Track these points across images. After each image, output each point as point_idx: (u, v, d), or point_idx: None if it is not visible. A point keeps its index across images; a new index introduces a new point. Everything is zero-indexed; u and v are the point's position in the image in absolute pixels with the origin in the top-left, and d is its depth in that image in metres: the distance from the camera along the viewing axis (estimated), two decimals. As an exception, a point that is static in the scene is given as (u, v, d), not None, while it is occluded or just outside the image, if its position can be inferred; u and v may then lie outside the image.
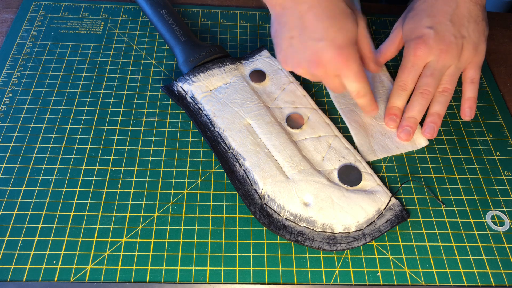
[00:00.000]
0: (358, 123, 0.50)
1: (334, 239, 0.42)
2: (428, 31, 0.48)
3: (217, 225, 0.43)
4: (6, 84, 0.51)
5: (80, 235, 0.41)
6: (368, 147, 0.48)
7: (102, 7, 0.60)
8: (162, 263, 0.40)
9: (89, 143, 0.47)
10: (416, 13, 0.50)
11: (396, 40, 0.52)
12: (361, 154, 0.48)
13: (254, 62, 0.54)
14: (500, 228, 0.44)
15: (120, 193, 0.44)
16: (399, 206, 0.44)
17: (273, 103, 0.50)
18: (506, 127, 0.53)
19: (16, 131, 0.47)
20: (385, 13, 0.65)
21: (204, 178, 0.46)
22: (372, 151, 0.48)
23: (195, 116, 0.49)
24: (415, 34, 0.49)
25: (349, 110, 0.51)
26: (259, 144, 0.46)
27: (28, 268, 0.39)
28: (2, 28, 0.57)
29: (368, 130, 0.50)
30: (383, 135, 0.50)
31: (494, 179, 0.48)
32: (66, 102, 0.50)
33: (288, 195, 0.43)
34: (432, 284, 0.41)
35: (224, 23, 0.61)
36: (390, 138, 0.50)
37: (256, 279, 0.40)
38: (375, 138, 0.49)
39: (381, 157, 0.48)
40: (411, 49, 0.48)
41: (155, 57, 0.56)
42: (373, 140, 0.49)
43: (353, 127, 0.50)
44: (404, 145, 0.50)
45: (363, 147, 0.48)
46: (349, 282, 0.40)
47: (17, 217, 0.42)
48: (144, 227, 0.42)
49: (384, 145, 0.49)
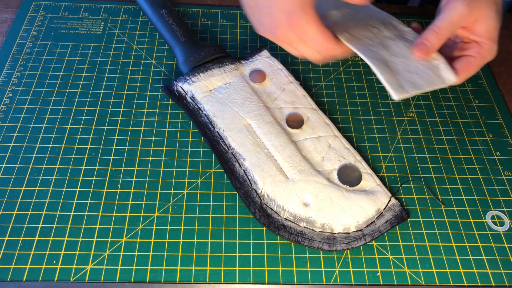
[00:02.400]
0: (381, 61, 0.45)
1: (334, 239, 0.42)
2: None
3: (217, 225, 0.43)
4: (6, 84, 0.51)
5: (80, 235, 0.41)
6: (397, 84, 0.43)
7: (102, 7, 0.60)
8: (162, 263, 0.40)
9: (89, 143, 0.47)
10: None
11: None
12: (388, 91, 0.43)
13: (254, 62, 0.54)
14: (500, 228, 0.44)
15: (120, 193, 0.44)
16: (399, 206, 0.44)
17: (273, 103, 0.50)
18: (506, 127, 0.53)
19: (16, 131, 0.47)
20: (385, 13, 0.65)
21: (204, 178, 0.46)
22: (401, 87, 0.43)
23: (195, 116, 0.49)
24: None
25: (368, 49, 0.46)
26: (259, 144, 0.46)
27: (28, 268, 0.39)
28: (2, 28, 0.57)
29: (393, 68, 0.45)
30: (409, 72, 0.45)
31: (494, 179, 0.48)
32: (66, 102, 0.50)
33: (288, 195, 0.43)
34: (432, 284, 0.41)
35: (224, 23, 0.61)
36: (417, 73, 0.44)
37: (256, 279, 0.40)
38: (401, 74, 0.44)
39: (412, 94, 0.43)
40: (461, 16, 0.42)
41: (155, 57, 0.56)
42: (400, 76, 0.44)
43: (377, 65, 0.44)
44: (433, 80, 0.44)
45: (391, 85, 0.43)
46: (349, 282, 0.40)
47: (17, 217, 0.42)
48: (144, 227, 0.42)
49: (413, 81, 0.44)
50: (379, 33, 0.48)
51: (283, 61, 0.57)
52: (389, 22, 0.50)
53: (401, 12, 0.65)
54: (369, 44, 0.47)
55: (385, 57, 0.46)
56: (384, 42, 0.47)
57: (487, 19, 0.42)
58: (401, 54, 0.46)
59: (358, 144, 0.50)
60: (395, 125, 0.52)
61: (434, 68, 0.46)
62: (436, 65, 0.46)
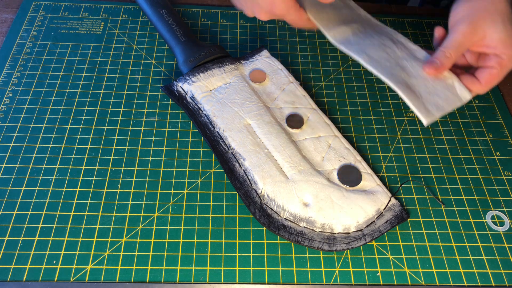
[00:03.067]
0: (405, 84, 0.46)
1: (334, 239, 0.42)
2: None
3: (217, 225, 0.43)
4: (6, 84, 0.51)
5: (80, 235, 0.41)
6: (424, 108, 0.45)
7: (102, 7, 0.60)
8: (162, 263, 0.40)
9: (89, 143, 0.47)
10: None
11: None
12: (418, 117, 0.44)
13: (254, 62, 0.54)
14: (500, 228, 0.44)
15: (120, 193, 0.44)
16: (398, 206, 0.44)
17: (273, 103, 0.50)
18: (506, 127, 0.53)
19: (16, 131, 0.47)
20: (385, 13, 0.65)
21: (204, 178, 0.46)
22: (429, 112, 0.45)
23: (195, 116, 0.49)
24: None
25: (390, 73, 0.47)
26: (259, 144, 0.46)
27: (28, 268, 0.39)
28: (2, 28, 0.57)
29: (416, 91, 0.46)
30: (430, 94, 0.46)
31: (494, 179, 0.48)
32: (66, 102, 0.50)
33: (288, 195, 0.43)
34: (432, 284, 0.41)
35: (224, 23, 0.61)
36: (438, 95, 0.46)
37: (256, 279, 0.40)
38: (424, 97, 0.46)
39: (438, 117, 0.45)
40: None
41: (155, 57, 0.56)
42: (424, 100, 0.45)
43: (402, 89, 0.46)
44: (452, 100, 0.46)
45: (419, 109, 0.44)
46: (349, 282, 0.40)
47: (17, 217, 0.42)
48: (144, 227, 0.42)
49: (437, 104, 0.45)
50: (392, 53, 0.49)
51: (283, 61, 0.57)
52: (398, 40, 0.51)
53: (401, 12, 0.65)
54: (388, 66, 0.48)
55: (406, 80, 0.47)
56: (400, 63, 0.49)
57: (495, 33, 0.45)
58: (418, 75, 0.48)
59: (358, 144, 0.50)
60: (395, 125, 0.52)
61: (450, 87, 0.47)
62: (451, 84, 0.48)
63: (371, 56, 0.49)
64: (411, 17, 0.64)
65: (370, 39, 0.50)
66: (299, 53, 0.58)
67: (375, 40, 0.50)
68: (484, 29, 0.45)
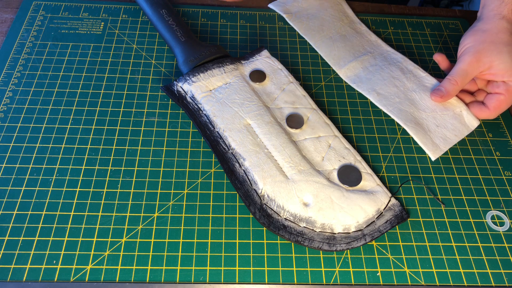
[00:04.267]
0: (413, 121, 0.49)
1: (334, 239, 0.42)
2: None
3: (217, 225, 0.43)
4: (6, 84, 0.51)
5: (80, 235, 0.41)
6: (432, 144, 0.48)
7: (102, 7, 0.60)
8: (162, 263, 0.40)
9: (89, 143, 0.47)
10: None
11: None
12: (427, 152, 0.48)
13: (254, 62, 0.54)
14: (500, 228, 0.44)
15: (120, 193, 0.44)
16: (398, 206, 0.44)
17: (273, 103, 0.50)
18: (506, 127, 0.53)
19: (16, 131, 0.47)
20: (385, 13, 0.65)
21: (204, 178, 0.46)
22: (436, 147, 0.48)
23: (195, 116, 0.49)
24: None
25: (398, 110, 0.50)
26: (259, 144, 0.46)
27: (28, 268, 0.39)
28: (2, 28, 0.57)
29: (424, 125, 0.49)
30: (438, 126, 0.49)
31: (494, 179, 0.48)
32: (66, 102, 0.50)
33: (288, 195, 0.43)
34: (432, 284, 0.41)
35: (224, 23, 0.61)
36: (445, 127, 0.49)
37: (256, 279, 0.40)
38: (432, 131, 0.49)
39: (445, 150, 0.48)
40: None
41: (155, 57, 0.56)
42: (432, 134, 0.49)
43: (410, 127, 0.49)
44: (460, 131, 0.49)
45: (427, 146, 0.48)
46: (349, 282, 0.40)
47: (17, 217, 0.42)
48: (144, 227, 0.42)
49: (444, 137, 0.49)
50: (402, 85, 0.53)
51: (283, 61, 0.57)
52: (407, 68, 0.54)
53: (401, 12, 0.65)
54: (397, 102, 0.51)
55: (415, 115, 0.50)
56: (409, 96, 0.52)
57: (501, 63, 0.48)
58: (427, 107, 0.51)
59: (358, 144, 0.50)
60: (395, 125, 0.52)
61: (459, 116, 0.51)
62: (459, 113, 0.51)
63: (381, 93, 0.53)
64: (411, 17, 0.64)
65: (380, 73, 0.53)
66: (299, 53, 0.58)
67: (385, 73, 0.53)
68: (490, 59, 0.48)
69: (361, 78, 0.54)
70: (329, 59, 0.56)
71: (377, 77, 0.53)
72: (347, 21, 0.60)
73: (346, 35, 0.58)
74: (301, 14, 0.61)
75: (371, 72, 0.54)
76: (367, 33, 0.59)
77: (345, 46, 0.57)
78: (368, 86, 0.53)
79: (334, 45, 0.57)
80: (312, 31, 0.59)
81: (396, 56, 0.56)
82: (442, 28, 0.63)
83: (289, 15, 0.61)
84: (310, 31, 0.59)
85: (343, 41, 0.58)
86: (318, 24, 0.59)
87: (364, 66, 0.55)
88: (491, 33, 0.49)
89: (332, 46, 0.57)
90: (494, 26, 0.49)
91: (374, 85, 0.53)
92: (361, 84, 0.53)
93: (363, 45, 0.57)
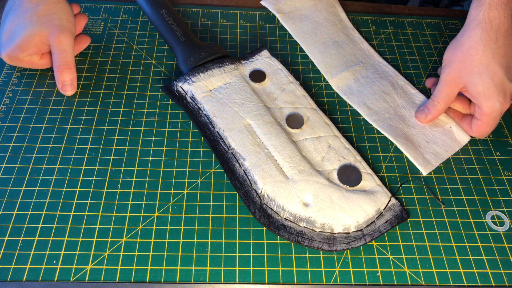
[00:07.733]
0: (403, 137, 0.50)
1: (334, 239, 0.42)
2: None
3: (217, 225, 0.43)
4: (6, 84, 0.51)
5: (80, 235, 0.41)
6: (423, 159, 0.48)
7: (102, 7, 0.60)
8: (162, 263, 0.40)
9: (89, 143, 0.47)
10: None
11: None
12: (418, 167, 0.48)
13: (254, 62, 0.54)
14: (500, 228, 0.44)
15: (120, 193, 0.44)
16: (398, 206, 0.44)
17: (273, 103, 0.50)
18: (506, 127, 0.53)
19: (16, 131, 0.47)
20: (385, 13, 0.65)
21: (204, 178, 0.46)
22: (427, 162, 0.48)
23: (195, 116, 0.49)
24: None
25: (388, 126, 0.50)
26: (259, 144, 0.46)
27: (28, 268, 0.39)
28: (2, 28, 0.57)
29: (414, 141, 0.49)
30: (428, 142, 0.49)
31: (494, 179, 0.48)
32: (66, 102, 0.50)
33: (288, 195, 0.43)
34: (432, 284, 0.41)
35: (224, 23, 0.61)
36: (436, 143, 0.49)
37: (256, 279, 0.40)
38: (423, 147, 0.49)
39: (436, 165, 0.48)
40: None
41: (155, 57, 0.56)
42: (422, 150, 0.49)
43: (401, 142, 0.49)
44: (451, 146, 0.49)
45: (418, 161, 0.48)
46: (349, 282, 0.40)
47: (17, 217, 0.42)
48: (144, 227, 0.42)
49: (435, 152, 0.49)
50: (392, 101, 0.53)
51: (283, 61, 0.57)
52: (397, 83, 0.55)
53: (401, 12, 0.65)
54: (387, 118, 0.52)
55: (405, 131, 0.50)
56: (399, 112, 0.52)
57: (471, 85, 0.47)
58: (417, 124, 0.52)
59: (358, 144, 0.50)
60: (395, 125, 0.52)
61: (449, 133, 0.51)
62: (449, 129, 0.51)
63: (371, 107, 0.53)
64: (411, 17, 0.64)
65: (371, 86, 0.53)
66: (299, 53, 0.58)
67: (376, 86, 0.53)
68: (463, 80, 0.48)
69: (352, 90, 0.54)
70: (321, 67, 0.56)
71: (368, 90, 0.53)
72: (340, 26, 0.60)
73: (338, 41, 0.58)
74: (294, 14, 0.60)
75: (362, 84, 0.54)
76: (359, 41, 0.59)
77: (338, 54, 0.57)
78: (359, 99, 0.53)
79: (326, 52, 0.57)
80: (305, 34, 0.58)
81: (387, 69, 0.56)
82: (442, 28, 0.63)
83: (282, 14, 0.60)
84: (302, 34, 0.58)
85: (335, 48, 0.57)
86: (311, 27, 0.59)
87: (356, 77, 0.55)
88: (462, 49, 0.48)
89: (324, 53, 0.57)
90: (467, 38, 0.48)
91: (364, 98, 0.53)
92: (352, 97, 0.53)
93: (355, 54, 0.57)
